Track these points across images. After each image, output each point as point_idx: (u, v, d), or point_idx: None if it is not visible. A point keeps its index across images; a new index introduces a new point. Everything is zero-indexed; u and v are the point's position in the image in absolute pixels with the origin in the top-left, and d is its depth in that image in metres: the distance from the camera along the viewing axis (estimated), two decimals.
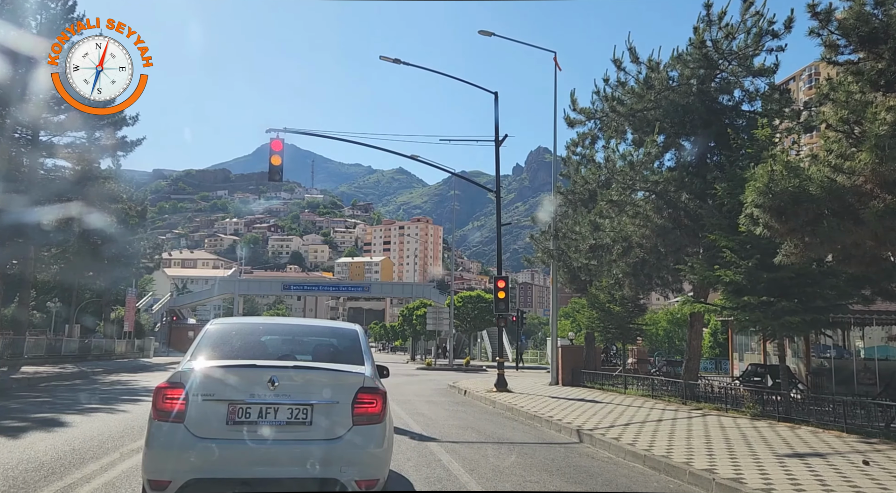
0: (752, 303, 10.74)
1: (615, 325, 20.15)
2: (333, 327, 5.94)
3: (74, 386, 18.34)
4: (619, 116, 13.86)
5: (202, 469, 4.13)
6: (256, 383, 4.31)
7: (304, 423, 4.31)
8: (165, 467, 4.17)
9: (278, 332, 5.87)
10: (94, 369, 25.45)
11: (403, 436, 9.92)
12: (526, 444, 10.05)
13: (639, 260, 14.54)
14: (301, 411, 4.32)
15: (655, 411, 13.05)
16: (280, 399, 4.29)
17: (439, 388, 21.51)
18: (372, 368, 4.81)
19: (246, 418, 4.25)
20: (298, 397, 4.33)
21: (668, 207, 13.19)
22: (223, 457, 4.15)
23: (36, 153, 26.06)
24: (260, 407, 4.27)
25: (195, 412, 4.21)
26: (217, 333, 5.09)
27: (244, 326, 5.85)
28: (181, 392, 4.24)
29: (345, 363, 4.77)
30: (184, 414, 4.20)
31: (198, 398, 4.24)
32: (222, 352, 4.81)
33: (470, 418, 13.07)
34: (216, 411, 4.23)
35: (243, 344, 5.10)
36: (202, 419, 4.20)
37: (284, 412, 4.29)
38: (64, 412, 11.47)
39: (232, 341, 5.08)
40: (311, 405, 4.33)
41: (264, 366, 4.52)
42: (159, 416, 4.24)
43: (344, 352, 5.08)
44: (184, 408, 4.21)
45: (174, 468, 4.13)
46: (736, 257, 10.93)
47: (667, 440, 9.18)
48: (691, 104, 13.39)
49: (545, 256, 20.28)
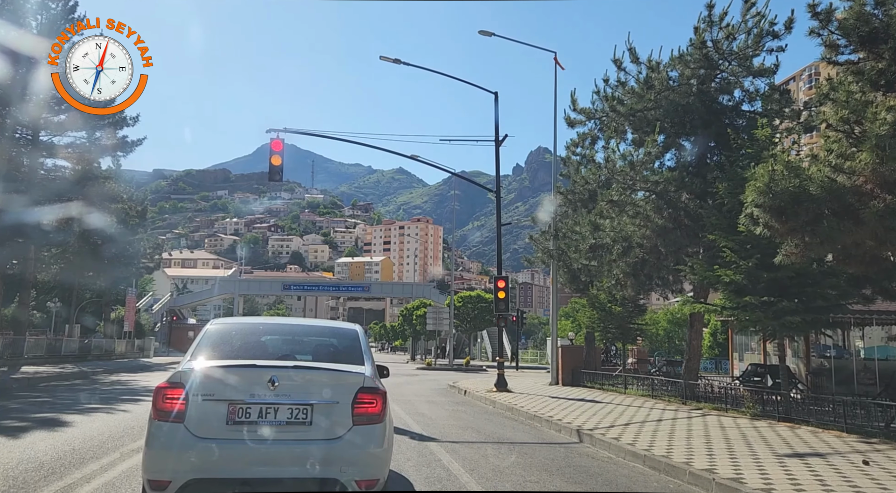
0: (753, 303, 10.75)
1: (615, 325, 20.15)
2: (333, 327, 5.91)
3: (74, 386, 18.34)
4: (619, 116, 13.86)
5: (202, 469, 4.09)
6: (256, 383, 4.27)
7: (304, 423, 4.27)
8: (165, 467, 4.14)
9: (278, 332, 5.83)
10: (95, 369, 25.45)
11: (403, 436, 9.92)
12: (526, 444, 10.04)
13: (639, 260, 14.53)
14: (301, 411, 4.28)
15: (655, 411, 13.05)
16: (280, 399, 4.25)
17: (439, 388, 21.52)
18: (372, 368, 4.78)
19: (246, 418, 4.20)
20: (298, 397, 4.29)
21: (669, 207, 13.19)
22: (223, 457, 4.12)
23: (36, 153, 26.07)
24: (260, 407, 4.23)
25: (195, 411, 4.17)
26: (217, 333, 5.06)
27: (244, 326, 5.83)
28: (181, 392, 4.20)
29: (345, 363, 4.74)
30: (184, 414, 4.16)
31: (198, 398, 4.20)
32: (222, 352, 4.78)
33: (470, 418, 13.07)
34: (216, 411, 4.19)
35: (243, 344, 5.08)
36: (202, 418, 4.16)
37: (284, 412, 4.25)
38: (64, 412, 11.47)
39: (232, 341, 5.06)
40: (311, 405, 4.30)
41: (264, 366, 4.48)
42: (159, 416, 4.21)
43: (344, 352, 5.06)
44: (184, 408, 4.17)
45: (174, 468, 4.10)
46: (736, 257, 10.94)
47: (667, 440, 9.19)
48: (691, 104, 13.39)
49: (545, 256, 20.27)
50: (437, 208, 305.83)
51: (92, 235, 31.11)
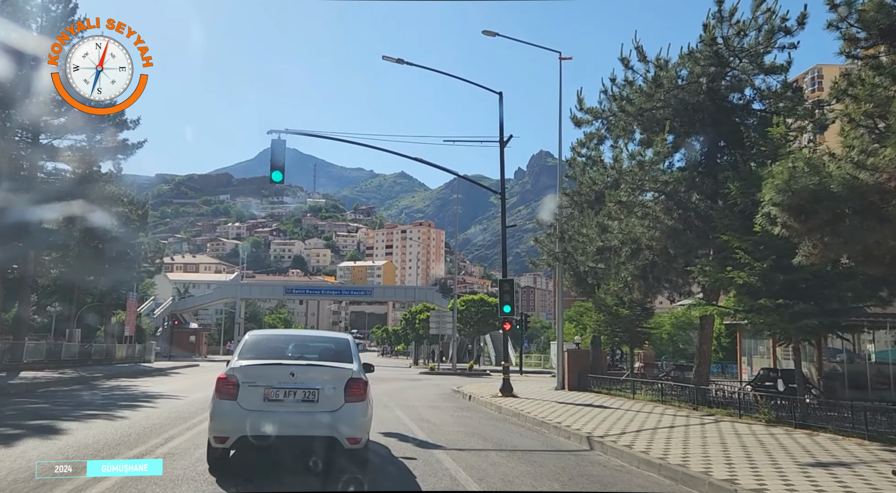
0: (768, 305, 10.41)
1: (623, 328, 19.79)
2: (332, 337, 8.30)
3: (73, 392, 18.05)
4: (627, 116, 13.55)
5: (248, 429, 6.18)
6: (282, 374, 6.41)
7: (313, 401, 6.35)
8: (225, 428, 6.25)
9: (294, 340, 8.08)
10: (94, 373, 25.15)
11: (408, 443, 9.62)
12: (535, 451, 9.73)
13: (648, 262, 14.23)
14: (311, 393, 6.37)
15: (666, 416, 12.71)
16: (297, 385, 6.35)
17: (443, 393, 21.17)
18: (358, 365, 6.84)
19: (275, 397, 6.32)
20: (309, 384, 6.38)
21: (679, 207, 12.88)
22: (262, 422, 6.20)
23: (36, 155, 25.84)
24: (284, 390, 6.34)
25: (243, 393, 6.29)
26: (253, 341, 7.31)
27: (271, 336, 8.31)
28: (234, 381, 6.35)
29: (340, 362, 6.79)
30: (235, 394, 6.28)
31: (245, 385, 6.32)
32: (258, 354, 6.89)
33: (475, 424, 12.75)
34: (256, 392, 6.30)
35: (272, 348, 7.28)
36: (247, 397, 6.28)
37: (300, 394, 6.35)
38: (61, 418, 11.18)
39: (263, 347, 7.24)
40: (318, 389, 6.38)
41: (286, 364, 6.69)
42: (220, 396, 6.34)
43: (339, 353, 7.08)
44: (235, 391, 6.30)
45: (231, 429, 6.22)
46: (750, 259, 10.60)
47: (681, 448, 8.86)
48: (701, 103, 13.09)
49: (550, 258, 19.96)
50: (439, 212, 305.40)
51: (93, 238, 30.88)
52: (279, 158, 16.71)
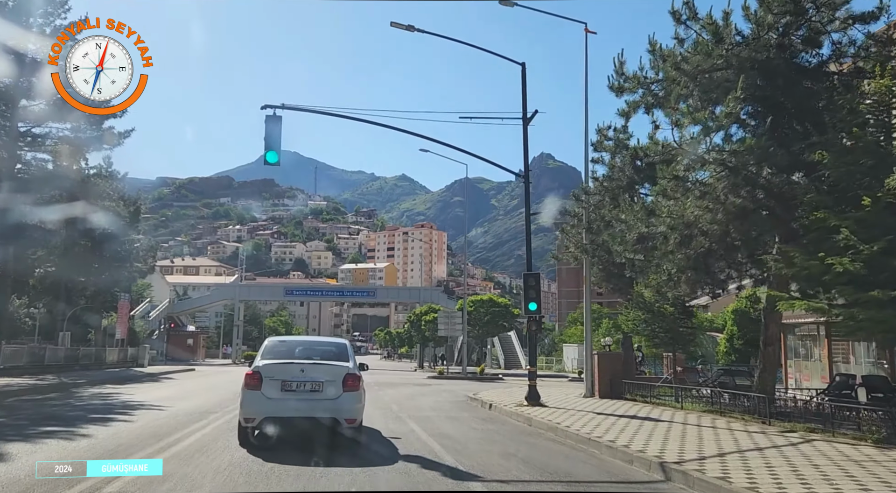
0: (881, 299, 8.31)
1: (664, 328, 17.60)
2: (332, 341, 10.84)
3: (44, 401, 16.01)
4: (684, 76, 11.50)
5: (271, 411, 8.51)
6: (294, 370, 8.69)
7: (319, 391, 8.59)
8: (252, 411, 8.53)
9: (303, 344, 10.53)
10: (77, 380, 23.14)
11: (434, 472, 7.58)
12: (595, 483, 7.69)
13: (703, 250, 12.19)
14: (317, 385, 8.61)
15: (739, 433, 10.60)
16: (306, 379, 8.60)
17: (458, 400, 19.09)
18: (354, 363, 9.13)
19: (290, 388, 8.57)
20: (316, 378, 8.63)
21: (746, 184, 10.85)
22: (280, 406, 8.50)
23: (13, 144, 23.85)
24: (297, 382, 8.58)
25: (265, 385, 8.55)
26: (272, 345, 9.67)
27: (285, 341, 10.82)
28: (259, 375, 8.61)
29: (339, 361, 9.10)
30: (259, 386, 8.54)
31: (266, 378, 8.58)
32: (275, 355, 9.21)
33: (507, 441, 10.71)
34: (275, 384, 8.55)
35: (286, 350, 9.61)
36: (269, 388, 8.54)
37: (309, 386, 8.60)
38: (4, 438, 9.13)
39: (280, 349, 9.60)
40: (322, 382, 8.62)
41: (298, 362, 8.96)
42: (248, 387, 8.57)
43: (338, 354, 9.39)
44: (259, 383, 8.56)
45: (257, 412, 8.53)
46: (856, 241, 8.50)
47: (797, 483, 6.78)
48: (771, 60, 11.06)
49: (578, 251, 17.90)
50: (441, 215, 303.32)
51: (79, 235, 29.00)
52: (274, 136, 14.90)
